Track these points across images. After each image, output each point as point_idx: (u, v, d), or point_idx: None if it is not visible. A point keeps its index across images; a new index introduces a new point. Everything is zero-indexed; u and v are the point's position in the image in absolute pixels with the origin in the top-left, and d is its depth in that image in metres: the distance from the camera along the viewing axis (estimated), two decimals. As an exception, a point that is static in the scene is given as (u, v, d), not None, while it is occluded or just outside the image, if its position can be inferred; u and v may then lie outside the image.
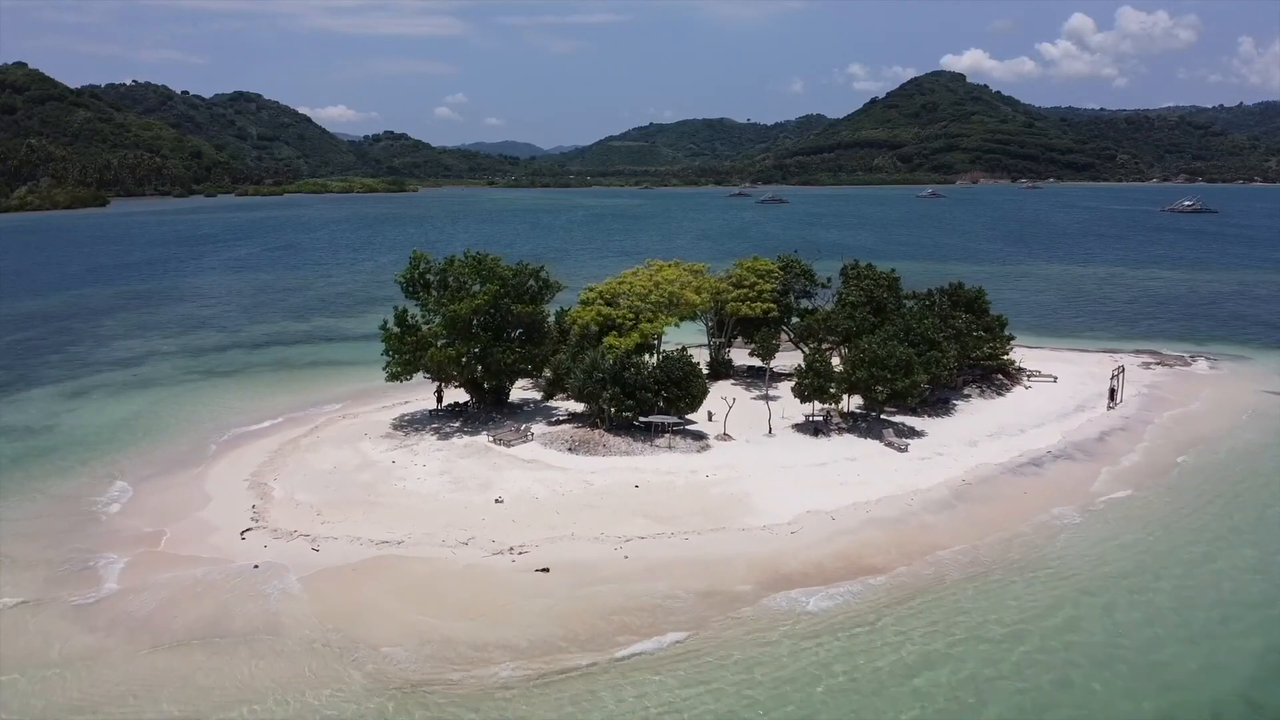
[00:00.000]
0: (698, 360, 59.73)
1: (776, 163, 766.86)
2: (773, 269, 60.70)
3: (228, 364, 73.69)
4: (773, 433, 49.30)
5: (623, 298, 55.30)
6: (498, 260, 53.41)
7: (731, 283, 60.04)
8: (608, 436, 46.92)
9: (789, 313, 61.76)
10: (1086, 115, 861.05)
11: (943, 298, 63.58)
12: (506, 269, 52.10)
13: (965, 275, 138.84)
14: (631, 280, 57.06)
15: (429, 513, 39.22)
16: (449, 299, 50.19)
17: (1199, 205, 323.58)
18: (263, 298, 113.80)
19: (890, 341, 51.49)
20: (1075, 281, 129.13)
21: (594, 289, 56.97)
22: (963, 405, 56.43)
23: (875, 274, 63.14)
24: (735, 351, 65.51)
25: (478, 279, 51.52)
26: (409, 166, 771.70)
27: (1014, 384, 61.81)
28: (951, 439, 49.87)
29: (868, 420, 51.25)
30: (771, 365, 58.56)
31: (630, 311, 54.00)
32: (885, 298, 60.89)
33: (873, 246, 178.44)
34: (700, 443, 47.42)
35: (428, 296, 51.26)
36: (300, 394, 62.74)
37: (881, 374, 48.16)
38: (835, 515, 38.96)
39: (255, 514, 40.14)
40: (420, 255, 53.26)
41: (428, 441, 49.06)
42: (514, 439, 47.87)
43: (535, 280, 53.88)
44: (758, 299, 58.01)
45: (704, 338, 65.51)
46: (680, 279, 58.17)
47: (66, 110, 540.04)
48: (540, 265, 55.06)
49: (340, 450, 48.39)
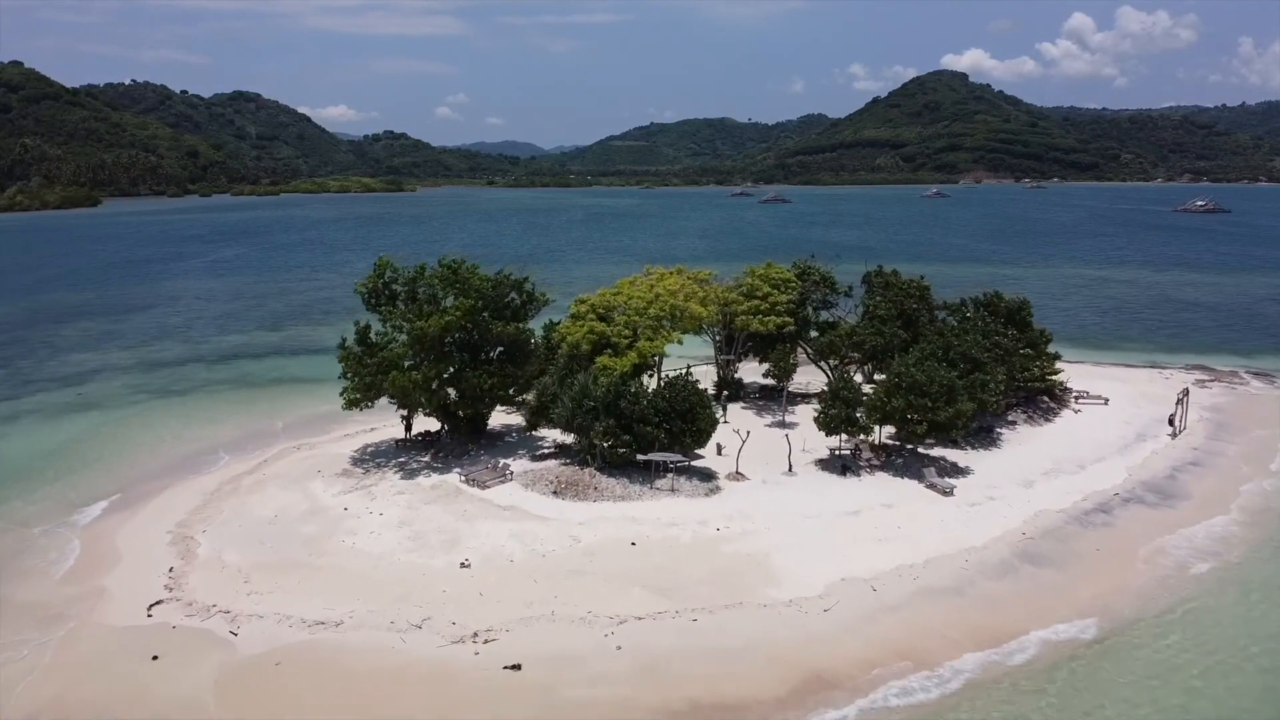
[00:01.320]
0: (703, 384, 52.76)
1: (778, 162, 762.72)
2: (788, 277, 53.51)
3: (184, 381, 66.60)
4: (793, 470, 42.18)
5: (618, 311, 48.20)
6: (475, 269, 46.30)
7: (741, 293, 52.90)
8: (599, 477, 39.81)
9: (806, 326, 54.64)
10: (1088, 115, 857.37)
11: (979, 309, 56.54)
12: (484, 280, 44.97)
13: (980, 279, 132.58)
14: (628, 291, 49.94)
15: (379, 581, 32.11)
16: (417, 314, 43.06)
17: (1212, 205, 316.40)
18: (238, 304, 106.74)
19: (928, 363, 44.47)
20: (1097, 285, 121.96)
21: (585, 300, 49.88)
22: (1008, 435, 49.29)
23: (903, 282, 55.99)
24: (745, 365, 58.52)
25: (452, 291, 44.44)
26: (409, 166, 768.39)
27: (1062, 407, 54.72)
28: (1002, 477, 42.73)
29: (903, 455, 44.13)
30: (788, 385, 51.54)
31: (627, 328, 46.92)
32: (916, 309, 53.77)
33: (880, 247, 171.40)
34: (709, 484, 40.31)
35: (393, 311, 44.11)
36: (256, 418, 55.68)
37: (921, 402, 41.05)
38: (877, 584, 31.83)
39: (171, 580, 33.09)
40: (385, 262, 46.18)
41: (389, 481, 41.97)
42: (490, 479, 40.78)
43: (518, 293, 46.75)
44: (771, 312, 50.86)
45: (709, 353, 58.43)
46: (684, 289, 51.05)
47: (62, 109, 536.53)
48: (524, 276, 47.95)
49: (287, 492, 41.30)
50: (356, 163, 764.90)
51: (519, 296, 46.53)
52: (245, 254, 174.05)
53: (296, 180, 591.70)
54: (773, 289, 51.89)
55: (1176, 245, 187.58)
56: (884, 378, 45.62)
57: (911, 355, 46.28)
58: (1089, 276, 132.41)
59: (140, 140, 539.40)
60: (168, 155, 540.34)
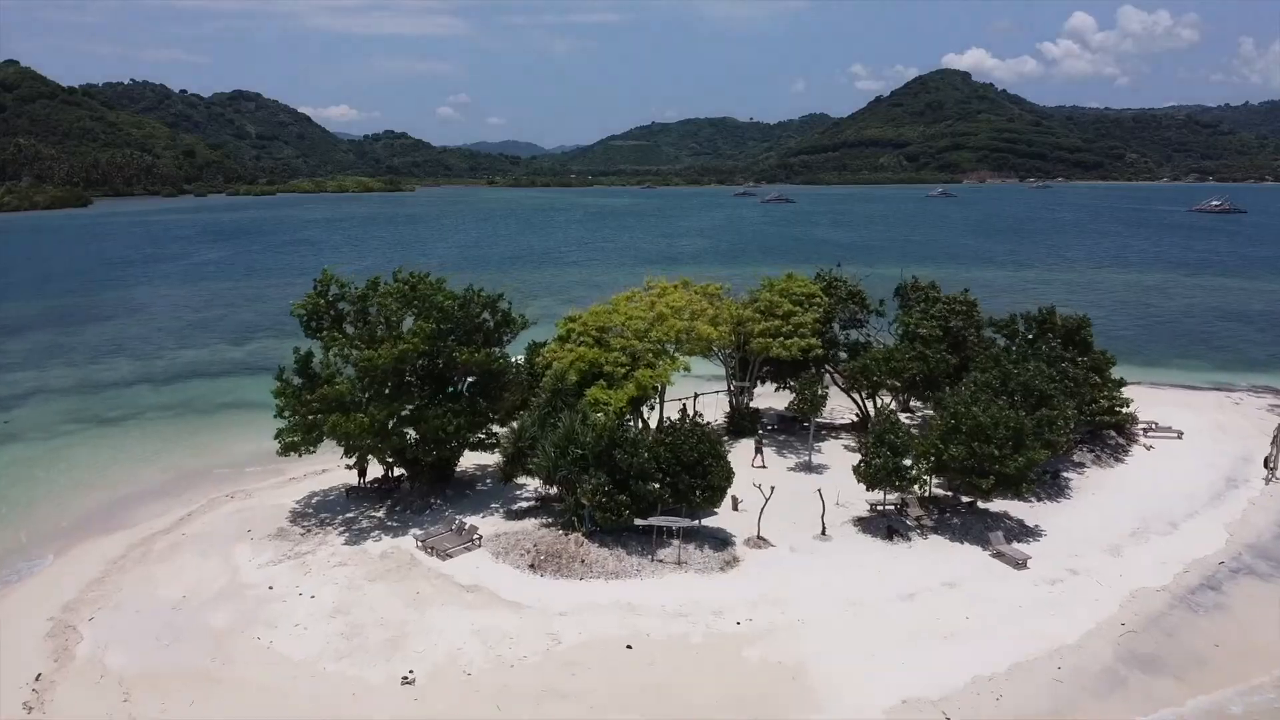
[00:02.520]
0: (713, 414, 45.00)
1: (781, 162, 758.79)
2: (812, 291, 45.60)
3: (123, 407, 58.88)
4: (827, 533, 34.42)
5: (614, 332, 40.45)
6: (439, 284, 38.55)
7: (758, 309, 45.05)
8: (588, 546, 32.05)
9: (834, 348, 46.83)
10: (1091, 114, 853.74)
11: (1031, 327, 48.80)
12: (450, 297, 37.16)
13: (999, 283, 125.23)
14: (625, 309, 42.12)
15: (295, 704, 24.40)
16: (367, 339, 35.33)
17: (1228, 205, 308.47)
18: (208, 312, 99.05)
19: (984, 395, 36.83)
20: (1126, 290, 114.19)
21: (575, 319, 42.11)
22: (1078, 481, 41.50)
23: (947, 297, 48.14)
24: (760, 388, 50.74)
25: (410, 311, 36.75)
26: (409, 166, 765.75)
27: (1131, 443, 46.97)
28: (1081, 540, 34.95)
29: (959, 510, 36.41)
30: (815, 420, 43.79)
31: (624, 354, 39.19)
32: (962, 329, 45.99)
33: (892, 248, 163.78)
34: (724, 553, 32.53)
35: (337, 337, 36.28)
36: (194, 454, 47.97)
37: (986, 450, 33.29)
38: (950, 709, 24.10)
39: (34, 696, 25.43)
40: (329, 276, 38.42)
41: (330, 546, 34.22)
42: (453, 545, 33.04)
43: (490, 313, 38.96)
44: (794, 334, 43.03)
45: (719, 372, 50.59)
46: (691, 305, 43.26)
47: (57, 108, 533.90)
48: (498, 293, 40.11)
49: (205, 561, 33.58)
50: (357, 162, 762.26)
51: (492, 318, 38.72)
52: (228, 256, 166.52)
53: (294, 180, 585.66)
54: (795, 306, 44.05)
55: (1200, 246, 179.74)
56: (933, 414, 37.96)
57: (965, 387, 38.59)
58: (1115, 280, 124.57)
59: (136, 140, 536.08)
60: (164, 155, 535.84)
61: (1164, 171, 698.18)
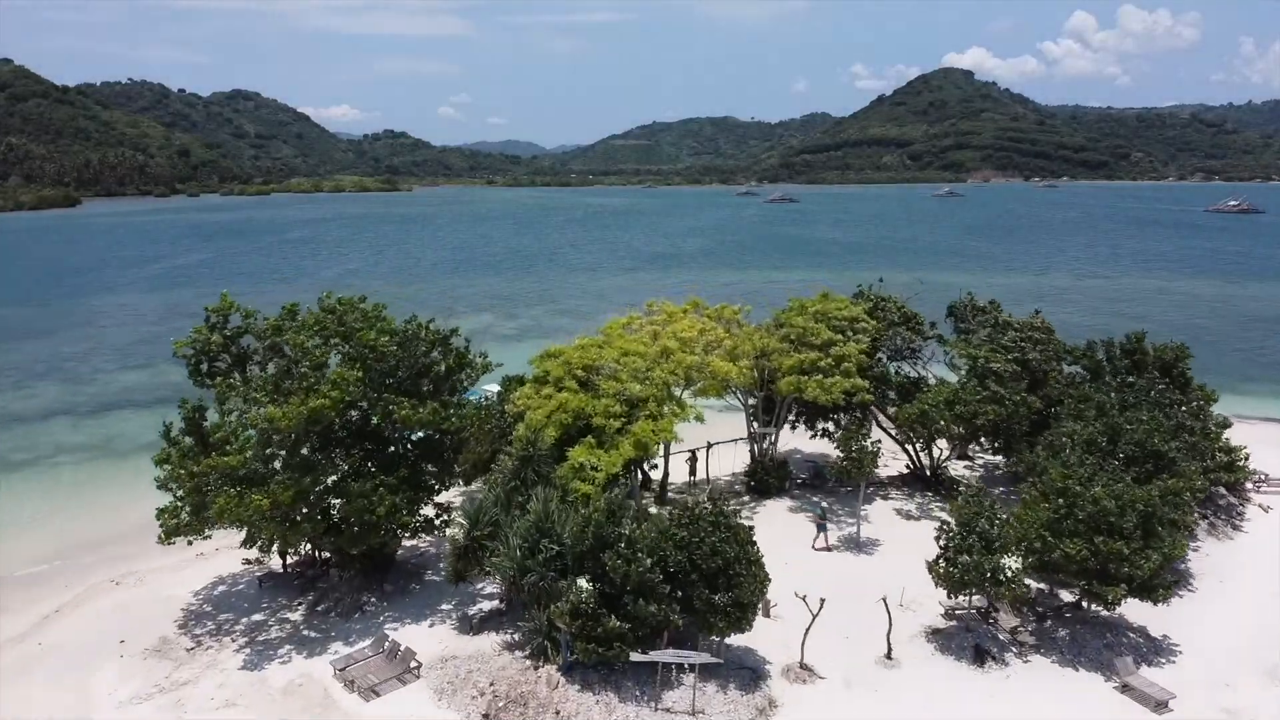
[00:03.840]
0: (730, 464, 36.06)
1: (783, 161, 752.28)
2: (857, 315, 36.53)
3: (32, 447, 49.98)
4: (892, 656, 25.43)
5: (606, 372, 31.47)
6: (378, 313, 29.53)
7: (789, 338, 36.02)
8: (565, 688, 23.00)
9: (882, 384, 37.76)
10: (1094, 114, 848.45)
11: (1114, 356, 39.94)
12: (386, 332, 28.10)
13: (1022, 290, 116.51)
14: (622, 342, 33.09)
15: None
16: (272, 390, 26.34)
17: (1246, 205, 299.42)
18: (163, 325, 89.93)
19: (1095, 462, 28.01)
20: (1160, 298, 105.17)
21: (557, 353, 33.10)
22: (1195, 562, 32.30)
23: (1014, 319, 39.11)
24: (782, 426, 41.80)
25: (335, 350, 27.77)
26: (408, 165, 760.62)
27: (1243, 501, 38.00)
28: (1228, 658, 25.94)
29: (1062, 615, 27.43)
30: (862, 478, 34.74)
31: (619, 402, 30.24)
32: (1036, 360, 37.01)
33: (905, 250, 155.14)
34: (755, 695, 23.45)
35: (234, 386, 27.23)
36: (91, 517, 39.13)
37: (1115, 546, 24.33)
38: None
39: None
40: (228, 303, 29.47)
41: (221, 673, 25.26)
42: (382, 677, 24.08)
43: (442, 353, 29.85)
44: (836, 370, 33.98)
45: (736, 416, 41.56)
46: (705, 335, 34.28)
47: (50, 107, 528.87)
48: (451, 329, 30.92)
49: (56, 692, 24.71)
50: (356, 162, 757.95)
51: (444, 359, 29.63)
52: (206, 260, 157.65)
53: (291, 180, 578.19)
54: (835, 334, 35.01)
55: (1230, 249, 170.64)
56: (1028, 490, 29.00)
57: (1064, 447, 29.67)
58: (1147, 287, 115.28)
59: (130, 139, 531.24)
60: (158, 154, 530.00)
61: (1170, 171, 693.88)
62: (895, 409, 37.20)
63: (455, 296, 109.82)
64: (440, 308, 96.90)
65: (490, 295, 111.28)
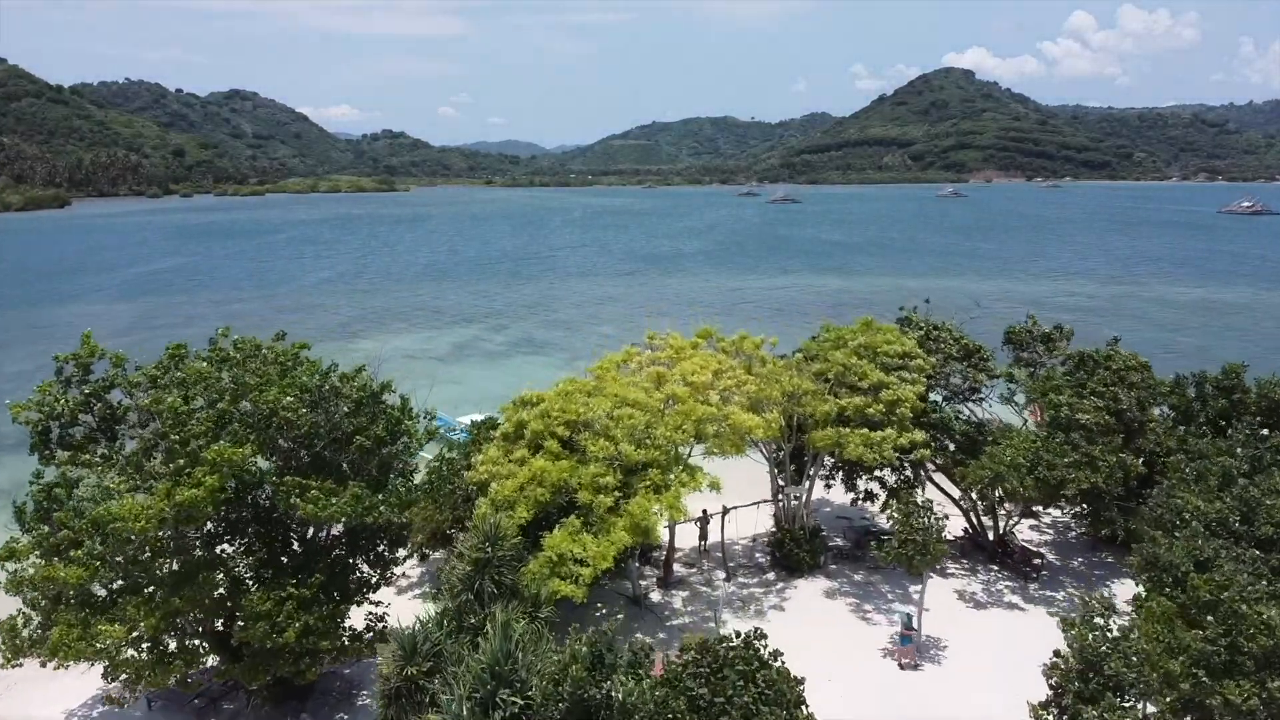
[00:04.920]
0: (751, 527, 29.07)
1: (783, 161, 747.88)
2: (907, 348, 29.32)
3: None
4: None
5: (595, 428, 24.31)
6: (295, 356, 22.35)
7: (824, 377, 28.88)
8: None
9: (939, 430, 30.48)
10: (1095, 114, 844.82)
11: (1206, 392, 32.81)
12: (298, 387, 20.84)
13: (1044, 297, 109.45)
14: (618, 387, 25.84)
15: None
16: (130, 474, 19.17)
17: (1259, 206, 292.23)
18: (124, 340, 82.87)
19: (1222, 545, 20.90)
20: (1205, 312, 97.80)
21: (533, 400, 25.90)
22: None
23: (1097, 352, 31.91)
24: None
25: (224, 414, 20.52)
26: (407, 165, 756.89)
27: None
28: None
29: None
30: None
31: (613, 469, 23.14)
32: (1130, 407, 29.85)
33: (919, 253, 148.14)
34: None
35: (91, 463, 20.05)
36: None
37: None
38: None
39: None
40: (90, 347, 22.41)
41: None
42: None
43: (370, 417, 22.34)
44: (890, 419, 26.79)
45: (755, 468, 34.32)
46: (722, 377, 27.13)
47: (44, 107, 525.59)
48: (385, 382, 23.41)
49: None
50: (355, 162, 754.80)
51: (374, 425, 22.20)
52: (185, 264, 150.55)
53: (287, 180, 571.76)
54: (883, 373, 27.86)
55: (1254, 254, 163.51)
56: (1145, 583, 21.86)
57: (1192, 536, 22.54)
58: (1186, 298, 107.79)
59: (125, 139, 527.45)
60: (153, 154, 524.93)
61: (1173, 171, 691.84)
62: (956, 465, 30.05)
63: (441, 306, 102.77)
64: (422, 320, 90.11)
65: (479, 303, 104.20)
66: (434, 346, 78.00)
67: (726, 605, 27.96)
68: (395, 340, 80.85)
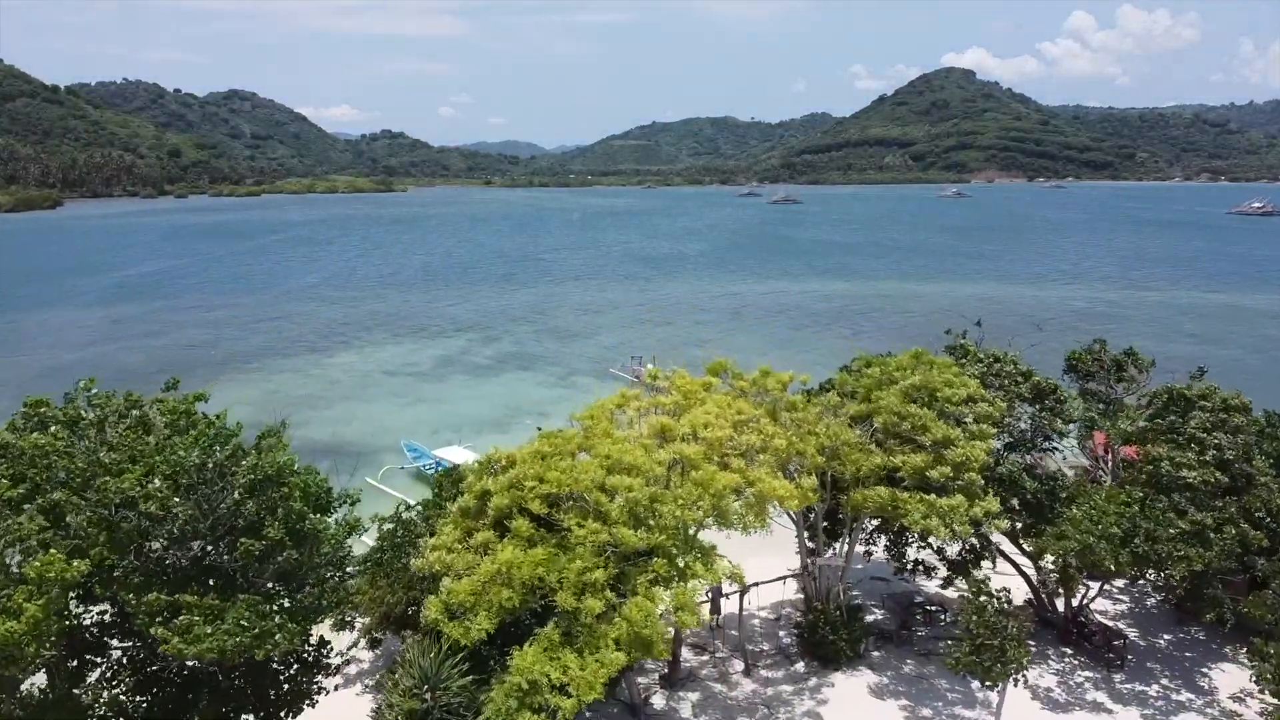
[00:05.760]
0: (774, 608, 23.50)
1: (784, 161, 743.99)
2: (975, 391, 23.54)
3: None
4: None
5: (580, 504, 18.77)
6: (185, 412, 16.79)
7: (871, 426, 23.31)
8: None
9: (1007, 487, 24.76)
10: (1096, 114, 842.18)
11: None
12: (168, 469, 15.24)
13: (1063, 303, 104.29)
14: (612, 445, 20.16)
15: None
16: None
17: (1271, 207, 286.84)
18: (90, 351, 77.58)
19: None
20: (1240, 319, 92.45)
21: (504, 463, 20.29)
22: None
23: (1190, 390, 26.38)
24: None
25: (56, 516, 14.92)
26: (406, 166, 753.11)
27: None
28: None
29: None
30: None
31: (604, 557, 17.65)
32: (1235, 458, 24.30)
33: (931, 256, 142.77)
34: None
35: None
36: None
37: None
38: None
39: None
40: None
41: None
42: None
43: (262, 506, 16.15)
44: (958, 483, 21.18)
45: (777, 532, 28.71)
46: (743, 431, 21.56)
47: (39, 107, 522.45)
48: (287, 460, 16.88)
49: None
50: (354, 162, 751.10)
51: (270, 526, 16.12)
52: (171, 267, 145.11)
53: (283, 180, 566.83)
54: (950, 425, 22.21)
55: (1277, 255, 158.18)
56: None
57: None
58: (1217, 304, 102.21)
59: (121, 139, 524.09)
60: (148, 155, 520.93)
61: (1175, 171, 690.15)
62: (1029, 532, 24.51)
63: (429, 313, 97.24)
64: (407, 329, 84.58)
65: (469, 310, 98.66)
66: (417, 360, 72.43)
67: (747, 713, 22.44)
68: (377, 353, 75.37)
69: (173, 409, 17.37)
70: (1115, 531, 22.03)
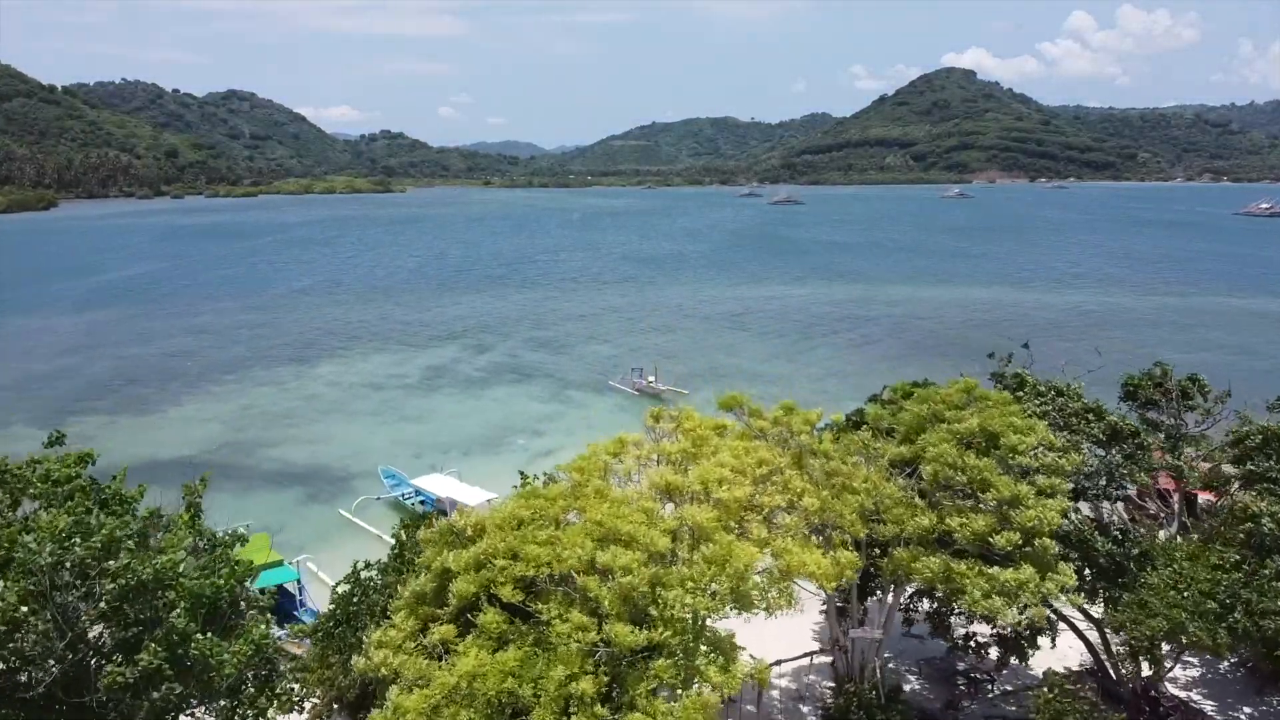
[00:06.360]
0: (797, 702, 19.45)
1: (784, 161, 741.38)
2: (1044, 437, 19.42)
3: None
4: None
5: (560, 591, 14.96)
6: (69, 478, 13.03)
7: (914, 484, 19.50)
8: None
9: (1077, 548, 20.90)
10: (1097, 114, 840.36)
11: None
12: (19, 574, 11.40)
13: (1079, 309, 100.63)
14: (606, 509, 16.41)
15: None
16: None
17: (1278, 208, 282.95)
18: (65, 361, 73.81)
19: None
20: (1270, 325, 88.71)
21: (471, 530, 16.50)
22: None
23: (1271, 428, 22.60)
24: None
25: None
26: (405, 166, 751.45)
27: None
28: None
29: None
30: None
31: (594, 663, 13.87)
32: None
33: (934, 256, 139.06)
34: None
35: None
36: None
37: None
38: None
39: None
40: None
41: None
42: None
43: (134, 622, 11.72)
44: (1023, 550, 17.42)
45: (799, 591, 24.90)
46: (769, 487, 17.77)
47: (35, 107, 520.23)
48: (163, 562, 12.34)
49: None
50: (353, 162, 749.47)
51: (144, 651, 11.92)
52: (159, 270, 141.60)
53: (281, 181, 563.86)
54: (1012, 479, 18.30)
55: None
56: None
57: None
58: (1238, 309, 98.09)
59: (118, 139, 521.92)
60: (145, 155, 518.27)
61: (1176, 172, 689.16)
62: (1098, 594, 20.66)
63: (420, 319, 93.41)
64: (396, 336, 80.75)
65: (461, 316, 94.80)
66: (404, 371, 68.53)
67: (770, 825, 18.63)
68: (362, 363, 71.53)
69: (45, 475, 13.54)
70: (1211, 606, 18.19)
